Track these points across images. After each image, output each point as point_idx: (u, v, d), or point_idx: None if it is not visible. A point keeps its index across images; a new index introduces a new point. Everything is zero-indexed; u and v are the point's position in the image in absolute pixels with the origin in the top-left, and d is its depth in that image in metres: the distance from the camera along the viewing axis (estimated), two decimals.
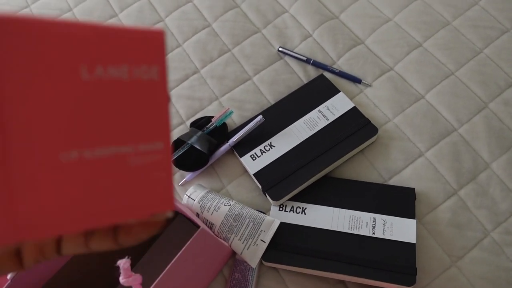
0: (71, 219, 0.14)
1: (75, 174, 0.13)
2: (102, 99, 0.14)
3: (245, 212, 0.52)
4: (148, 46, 0.14)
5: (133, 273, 0.37)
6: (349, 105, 0.58)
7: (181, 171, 0.59)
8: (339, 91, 0.59)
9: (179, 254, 0.41)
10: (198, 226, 0.53)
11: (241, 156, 0.57)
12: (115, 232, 0.18)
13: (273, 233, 0.51)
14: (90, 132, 0.13)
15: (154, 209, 0.16)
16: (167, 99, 0.15)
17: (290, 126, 0.58)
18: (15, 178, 0.12)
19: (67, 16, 0.71)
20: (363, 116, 0.57)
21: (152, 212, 0.16)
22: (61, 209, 0.13)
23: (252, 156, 0.56)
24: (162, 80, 0.15)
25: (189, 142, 0.57)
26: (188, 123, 0.62)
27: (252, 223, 0.51)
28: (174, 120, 0.62)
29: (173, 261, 0.41)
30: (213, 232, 0.52)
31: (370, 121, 0.57)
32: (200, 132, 0.58)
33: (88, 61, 0.13)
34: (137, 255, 0.55)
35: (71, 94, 0.13)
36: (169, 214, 0.17)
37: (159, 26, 0.69)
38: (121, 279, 0.36)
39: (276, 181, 0.54)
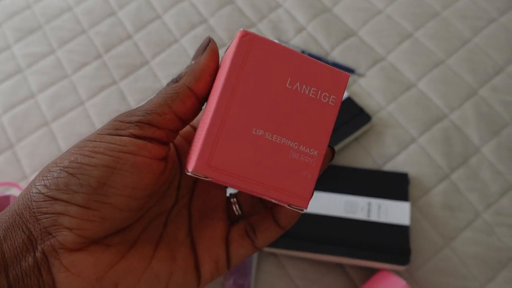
0: (239, 175, 0.19)
1: (254, 146, 0.19)
2: (293, 104, 0.20)
3: None
4: (335, 81, 0.20)
5: None
6: (343, 94, 0.60)
7: None
8: None
9: None
10: None
11: None
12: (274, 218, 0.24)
13: None
14: (277, 123, 0.20)
15: (292, 200, 0.20)
16: (334, 120, 0.20)
17: None
18: (223, 135, 0.19)
19: (68, 15, 0.73)
20: (357, 105, 0.59)
21: (289, 202, 0.20)
22: (236, 164, 0.19)
23: None
24: (335, 106, 0.20)
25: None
26: None
27: None
28: None
29: None
30: None
31: (364, 110, 0.59)
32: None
33: (294, 77, 0.20)
34: None
35: (276, 94, 0.20)
36: (302, 211, 0.21)
37: (157, 23, 0.71)
38: None
39: None
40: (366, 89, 0.62)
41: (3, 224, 0.19)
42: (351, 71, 0.63)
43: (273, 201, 0.20)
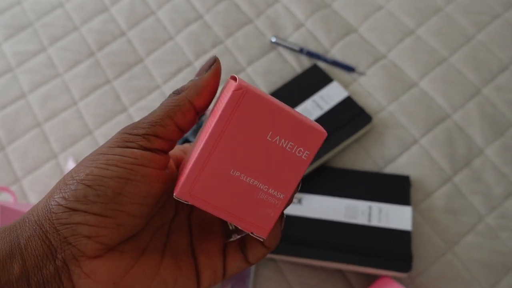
0: (213, 204, 0.23)
1: (230, 183, 0.22)
2: (270, 154, 0.23)
3: None
4: (311, 137, 0.23)
5: None
6: (343, 94, 0.58)
7: None
8: (333, 80, 0.59)
9: None
10: None
11: None
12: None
13: None
14: (253, 167, 0.23)
15: (255, 230, 0.23)
16: (303, 172, 0.23)
17: None
18: (205, 171, 0.22)
19: (59, 12, 0.71)
20: (357, 104, 0.57)
21: (252, 230, 0.23)
22: (212, 195, 0.22)
23: None
24: (307, 160, 0.23)
25: (184, 135, 0.57)
26: None
27: None
28: None
29: None
30: None
31: (364, 110, 0.57)
32: (195, 125, 0.58)
33: (275, 130, 0.22)
34: None
35: (256, 143, 0.22)
36: (263, 239, 0.24)
37: (151, 20, 0.69)
38: None
39: None
40: (366, 88, 0.60)
41: (24, 234, 0.20)
42: (351, 69, 0.61)
43: (239, 228, 0.24)
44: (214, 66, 0.24)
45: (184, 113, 0.23)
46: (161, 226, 0.25)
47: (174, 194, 0.23)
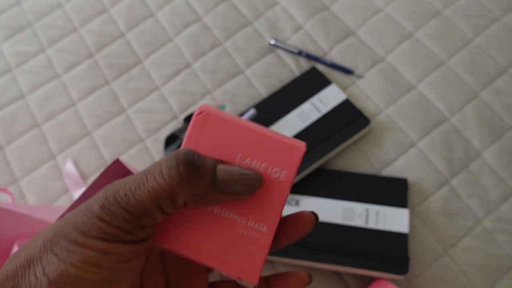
0: (191, 247, 0.20)
1: (205, 219, 0.20)
2: None
3: None
4: (287, 154, 0.20)
5: None
6: (341, 96, 0.58)
7: None
8: (331, 83, 0.60)
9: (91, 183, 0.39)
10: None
11: None
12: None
13: None
14: None
15: (241, 275, 0.20)
16: (285, 197, 0.20)
17: (282, 119, 0.58)
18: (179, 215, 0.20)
19: (58, 13, 0.71)
20: (356, 107, 0.57)
21: (238, 276, 0.20)
22: (189, 237, 0.20)
23: None
24: (287, 182, 0.20)
25: (182, 137, 0.58)
26: (181, 118, 0.62)
27: None
28: (166, 116, 0.62)
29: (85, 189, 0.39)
30: None
31: (362, 113, 0.57)
32: None
33: (244, 152, 0.20)
34: None
35: None
36: (252, 285, 0.20)
37: (150, 21, 0.69)
38: None
39: None
40: (364, 91, 0.61)
41: None
42: (349, 72, 0.61)
43: (224, 274, 0.20)
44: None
45: (172, 202, 0.19)
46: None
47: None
